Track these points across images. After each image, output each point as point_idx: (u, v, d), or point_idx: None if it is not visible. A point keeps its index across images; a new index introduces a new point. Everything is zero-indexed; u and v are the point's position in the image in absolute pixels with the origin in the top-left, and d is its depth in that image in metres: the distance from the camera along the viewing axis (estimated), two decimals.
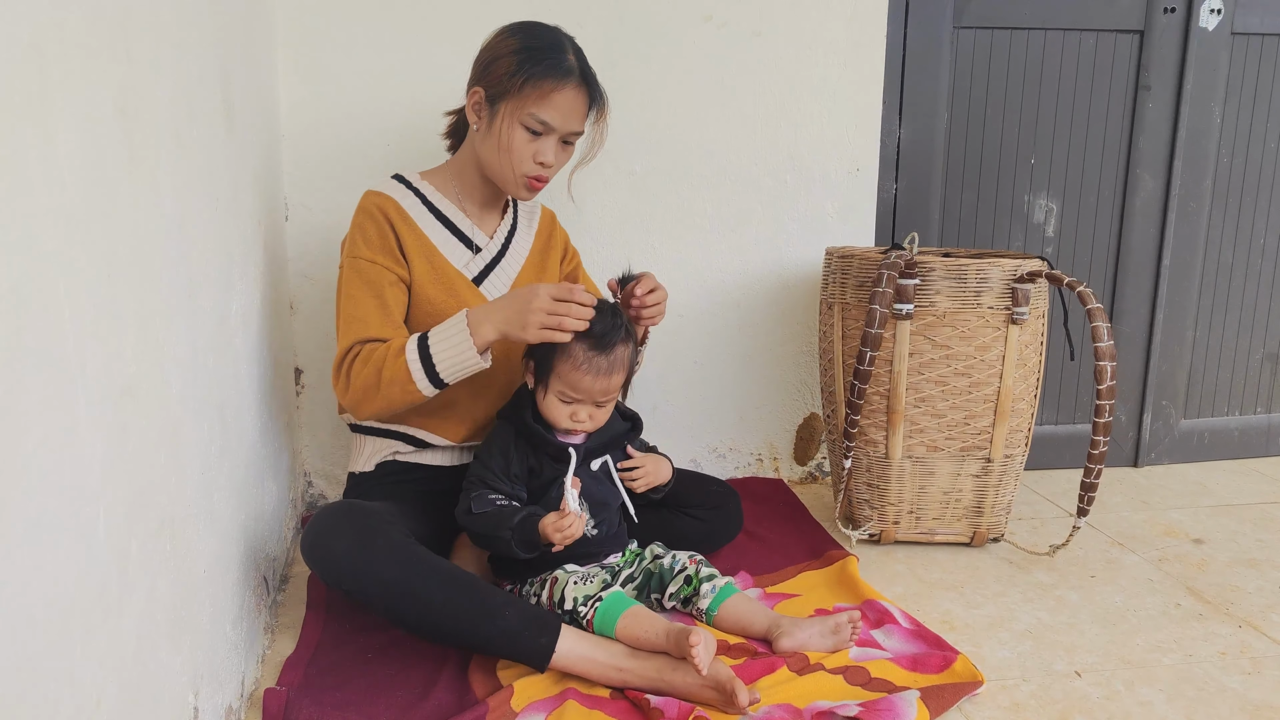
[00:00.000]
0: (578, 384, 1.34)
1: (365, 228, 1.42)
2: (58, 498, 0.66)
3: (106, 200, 0.77)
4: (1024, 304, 1.60)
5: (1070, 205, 2.11)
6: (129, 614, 0.78)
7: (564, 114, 1.40)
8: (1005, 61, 2.03)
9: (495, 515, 1.31)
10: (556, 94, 1.38)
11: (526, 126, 1.39)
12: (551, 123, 1.39)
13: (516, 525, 1.28)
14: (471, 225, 1.51)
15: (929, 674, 1.25)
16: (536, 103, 1.38)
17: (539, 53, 1.38)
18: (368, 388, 1.33)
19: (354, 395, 1.35)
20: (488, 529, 1.31)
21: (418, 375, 1.31)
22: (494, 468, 1.36)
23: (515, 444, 1.38)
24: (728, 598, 1.37)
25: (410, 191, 1.48)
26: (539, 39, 1.40)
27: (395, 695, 1.21)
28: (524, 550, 1.29)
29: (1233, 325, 2.24)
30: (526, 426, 1.38)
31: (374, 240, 1.41)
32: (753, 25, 1.91)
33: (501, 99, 1.39)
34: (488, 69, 1.41)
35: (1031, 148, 2.08)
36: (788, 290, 2.04)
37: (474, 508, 1.33)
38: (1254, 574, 1.64)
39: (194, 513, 1.00)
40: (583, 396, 1.35)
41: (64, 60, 0.69)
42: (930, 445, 1.67)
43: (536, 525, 1.27)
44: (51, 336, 0.66)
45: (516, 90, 1.37)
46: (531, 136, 1.40)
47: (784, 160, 1.97)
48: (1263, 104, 2.13)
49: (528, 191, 1.46)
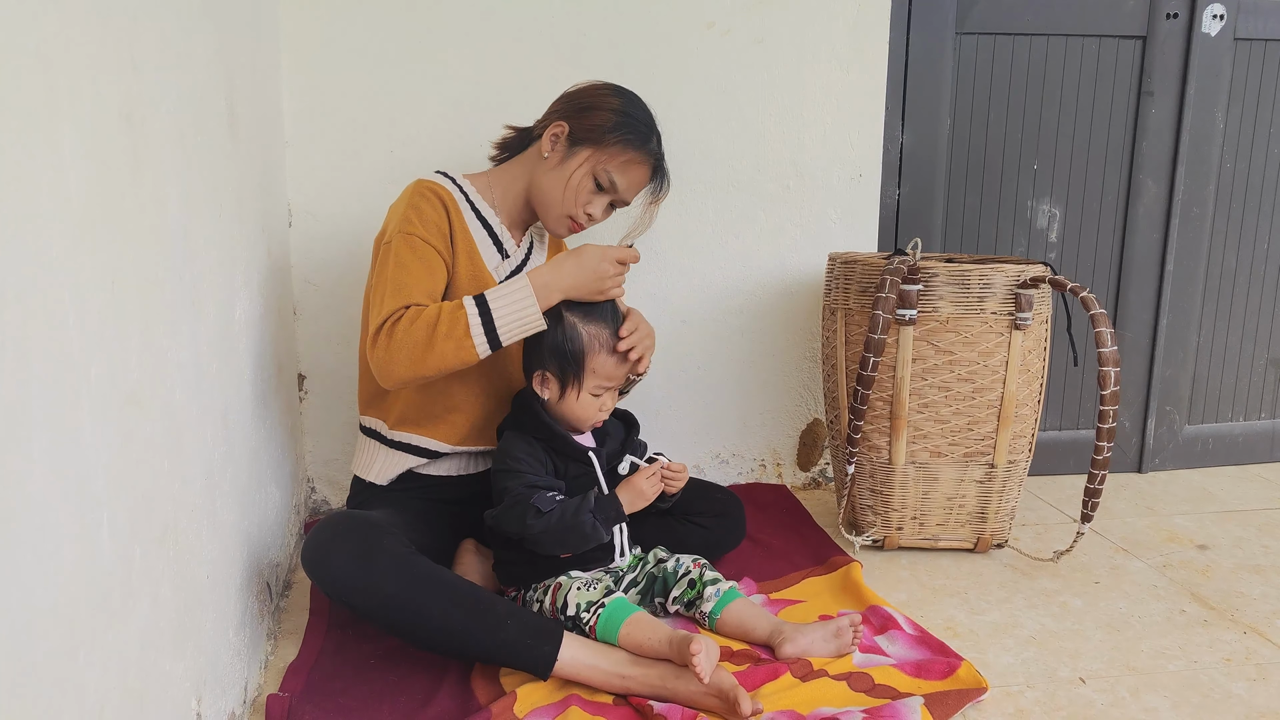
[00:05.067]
0: (612, 371, 1.39)
1: (422, 209, 1.42)
2: (62, 504, 0.66)
3: (112, 207, 0.78)
4: (1027, 309, 1.60)
5: (1073, 210, 2.11)
6: (132, 620, 0.78)
7: (633, 185, 1.50)
8: (1008, 67, 2.03)
9: (560, 513, 1.31)
10: (635, 166, 1.48)
11: (597, 179, 1.47)
12: (619, 186, 1.48)
13: (596, 506, 1.32)
14: (505, 231, 1.54)
15: (933, 680, 1.24)
16: (618, 165, 1.46)
17: (637, 125, 1.47)
18: (416, 344, 1.30)
19: (396, 353, 1.30)
20: (564, 520, 1.30)
21: (476, 331, 1.31)
22: (533, 471, 1.35)
23: (539, 449, 1.38)
24: (731, 602, 1.37)
25: (457, 189, 1.51)
26: (640, 114, 1.49)
27: (398, 701, 1.21)
28: (606, 529, 1.33)
29: (1236, 330, 2.23)
30: (549, 431, 1.38)
31: (430, 222, 1.41)
32: (755, 32, 1.91)
33: (586, 145, 1.46)
34: (582, 113, 1.47)
35: (1034, 153, 2.08)
36: (790, 296, 2.04)
37: (542, 508, 1.30)
38: (1259, 580, 1.63)
39: (197, 519, 1.00)
40: (613, 383, 1.40)
41: (70, 69, 0.70)
42: (934, 451, 1.66)
43: (613, 499, 1.34)
44: (56, 343, 0.66)
45: (606, 145, 1.45)
46: (595, 189, 1.48)
47: (786, 166, 1.98)
48: (1265, 109, 2.12)
49: (565, 230, 1.51)
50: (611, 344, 1.38)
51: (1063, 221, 2.12)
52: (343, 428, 1.90)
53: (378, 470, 1.50)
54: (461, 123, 1.82)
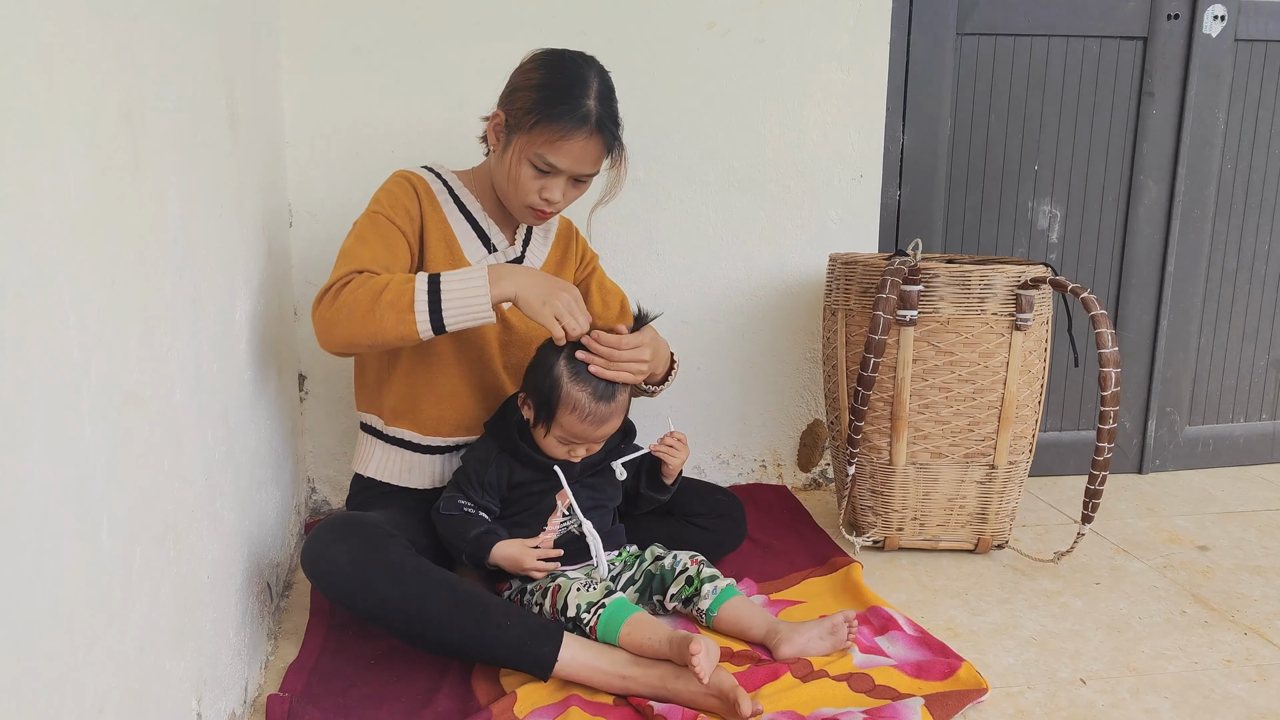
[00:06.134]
0: (581, 432, 1.35)
1: (394, 192, 1.42)
2: (62, 504, 0.66)
3: (112, 207, 0.77)
4: (1028, 310, 1.60)
5: (1074, 211, 2.11)
6: (132, 620, 0.78)
7: (573, 160, 1.36)
8: (1009, 68, 2.03)
9: (458, 521, 1.36)
10: (566, 141, 1.34)
11: (534, 165, 1.37)
12: (559, 166, 1.36)
13: (471, 539, 1.33)
14: (492, 225, 1.51)
15: (933, 681, 1.24)
16: (545, 145, 1.35)
17: (557, 94, 1.34)
18: (357, 305, 1.25)
19: (336, 312, 1.26)
20: (447, 532, 1.36)
21: (420, 307, 1.24)
22: (471, 475, 1.39)
23: (498, 457, 1.40)
24: (728, 599, 1.37)
25: (440, 181, 1.49)
26: (564, 79, 1.35)
27: (398, 701, 1.21)
28: (471, 565, 1.35)
29: (1237, 331, 2.23)
30: (514, 446, 1.39)
31: (399, 203, 1.41)
32: (756, 33, 1.91)
33: (515, 131, 1.37)
34: (511, 96, 1.39)
35: (1035, 154, 2.08)
36: (791, 296, 2.04)
37: (442, 509, 1.38)
38: (1259, 581, 1.63)
39: (197, 519, 1.00)
40: (581, 443, 1.38)
41: (71, 68, 0.70)
42: (934, 452, 1.66)
43: (488, 549, 1.32)
44: (56, 342, 0.66)
45: (528, 129, 1.34)
46: (538, 174, 1.38)
47: (787, 166, 1.97)
48: (1266, 110, 2.12)
49: (533, 219, 1.45)
50: (588, 410, 1.33)
51: (1063, 222, 2.11)
52: (343, 428, 1.90)
53: (376, 465, 1.51)
54: (462, 123, 1.81)
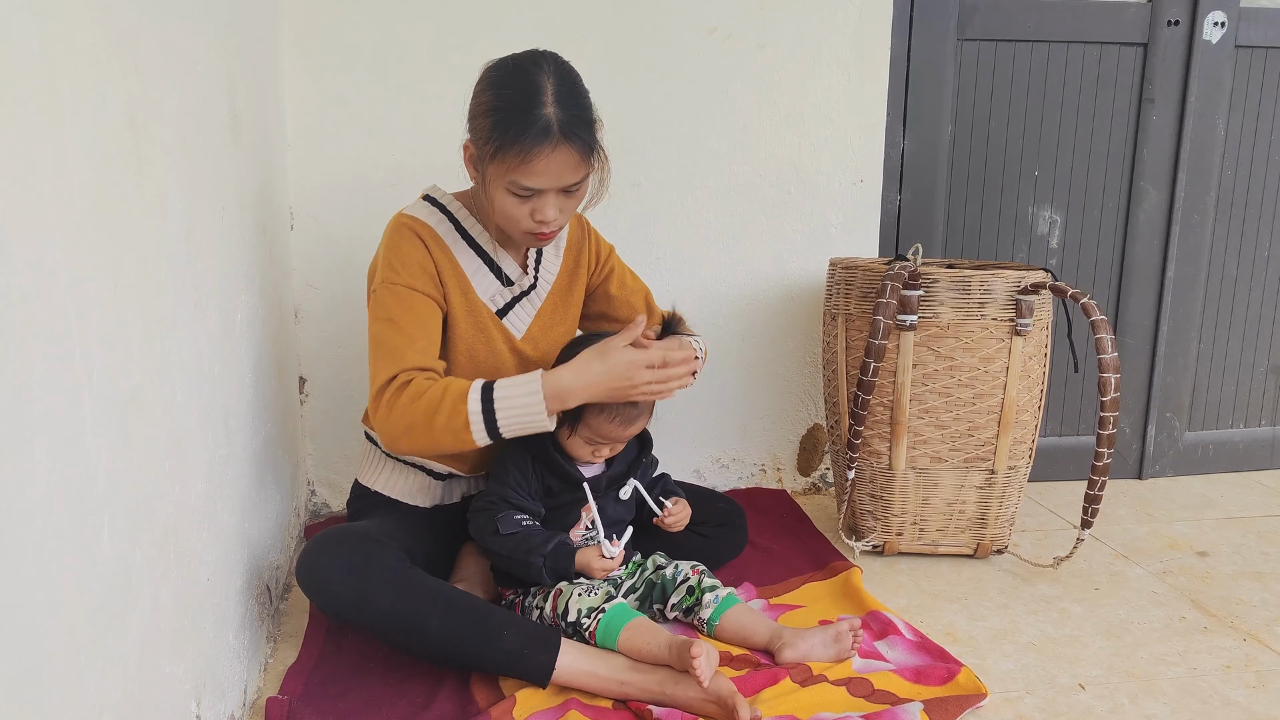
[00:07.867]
0: (609, 433, 1.35)
1: (403, 250, 1.33)
2: (62, 506, 0.66)
3: (114, 210, 0.78)
4: (1028, 315, 1.60)
5: (1074, 217, 2.11)
6: (132, 623, 0.78)
7: (549, 176, 1.25)
8: (1009, 74, 2.04)
9: (524, 538, 1.32)
10: (534, 160, 1.22)
11: (512, 192, 1.27)
12: (536, 186, 1.25)
13: (550, 553, 1.30)
14: (503, 254, 1.42)
15: (932, 686, 1.24)
16: (515, 170, 1.24)
17: (510, 114, 1.23)
18: (414, 426, 1.24)
19: (395, 429, 1.25)
20: (516, 552, 1.31)
21: (476, 425, 1.24)
22: (515, 486, 1.36)
23: (533, 465, 1.39)
24: (729, 608, 1.36)
25: (443, 215, 1.40)
26: (511, 92, 1.24)
27: (398, 704, 1.21)
28: (551, 577, 1.31)
29: (1237, 337, 2.23)
30: (547, 454, 1.38)
31: (413, 263, 1.33)
32: (757, 38, 1.91)
33: (484, 162, 1.27)
34: (471, 127, 1.30)
35: (1035, 160, 2.08)
36: (791, 301, 2.04)
37: (501, 528, 1.32)
38: (1258, 587, 1.63)
39: (198, 521, 1.00)
40: (607, 444, 1.38)
41: (74, 72, 0.70)
42: (934, 457, 1.66)
43: (571, 555, 1.31)
44: (58, 345, 0.66)
45: (491, 158, 1.25)
46: (521, 199, 1.27)
47: (788, 171, 1.98)
48: (1266, 117, 2.13)
49: (537, 242, 1.35)
50: (617, 412, 1.33)
51: (1063, 228, 2.12)
52: (343, 431, 1.90)
53: (383, 482, 1.49)
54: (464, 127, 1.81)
